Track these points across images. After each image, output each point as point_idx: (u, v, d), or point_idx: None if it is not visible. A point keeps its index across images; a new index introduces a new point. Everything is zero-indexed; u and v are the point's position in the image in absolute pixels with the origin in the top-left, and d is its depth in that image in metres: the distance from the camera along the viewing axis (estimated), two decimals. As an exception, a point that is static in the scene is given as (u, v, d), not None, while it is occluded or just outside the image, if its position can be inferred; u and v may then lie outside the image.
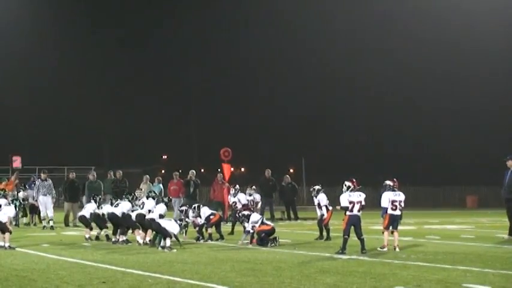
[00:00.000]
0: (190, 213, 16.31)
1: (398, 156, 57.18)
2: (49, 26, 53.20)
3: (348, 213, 13.30)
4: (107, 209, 15.98)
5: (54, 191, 21.93)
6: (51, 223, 20.72)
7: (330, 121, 60.91)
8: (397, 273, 10.29)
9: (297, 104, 61.70)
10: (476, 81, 56.06)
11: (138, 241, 15.00)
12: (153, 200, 15.34)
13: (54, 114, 57.23)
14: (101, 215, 16.04)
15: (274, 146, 60.23)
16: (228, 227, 18.44)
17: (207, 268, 10.81)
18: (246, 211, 16.43)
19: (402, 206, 13.91)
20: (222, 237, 16.09)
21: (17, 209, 15.40)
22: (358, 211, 13.31)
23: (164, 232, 13.85)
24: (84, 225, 16.86)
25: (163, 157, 67.69)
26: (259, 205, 19.76)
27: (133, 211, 15.43)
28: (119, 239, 15.29)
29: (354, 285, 9.19)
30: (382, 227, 14.03)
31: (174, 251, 13.47)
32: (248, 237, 15.20)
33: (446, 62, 56.88)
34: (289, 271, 10.48)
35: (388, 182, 14.06)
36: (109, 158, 56.35)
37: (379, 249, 13.50)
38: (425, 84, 59.03)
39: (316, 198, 16.62)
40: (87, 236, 16.14)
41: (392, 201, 13.77)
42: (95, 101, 56.72)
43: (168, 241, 13.71)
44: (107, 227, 15.97)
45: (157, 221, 14.19)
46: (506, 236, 16.78)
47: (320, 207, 16.49)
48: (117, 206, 15.76)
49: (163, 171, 51.30)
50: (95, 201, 16.91)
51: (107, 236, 15.87)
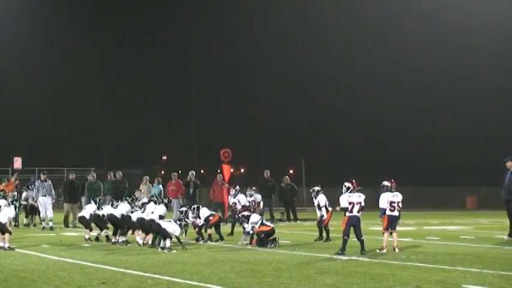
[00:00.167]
0: (190, 214, 16.33)
1: (398, 157, 57.18)
2: (49, 26, 53.20)
3: (348, 214, 13.31)
4: (107, 210, 16.00)
5: (53, 191, 21.91)
6: (51, 224, 20.73)
7: (330, 122, 60.89)
8: (396, 274, 10.30)
9: (296, 105, 61.71)
10: (477, 82, 56.05)
11: (137, 242, 15.02)
12: (154, 204, 15.29)
13: (54, 115, 57.25)
14: (101, 216, 16.05)
15: (274, 147, 60.21)
16: (227, 228, 18.46)
17: (207, 269, 10.82)
18: (245, 212, 16.45)
19: (400, 207, 13.92)
20: (221, 238, 16.10)
21: (17, 209, 15.37)
22: (358, 212, 13.32)
23: (164, 233, 13.85)
24: (83, 226, 16.87)
25: (163, 158, 67.67)
26: (261, 204, 19.77)
27: (132, 212, 15.45)
28: (119, 240, 15.31)
29: (353, 286, 9.20)
30: (382, 228, 14.04)
31: (174, 251, 13.48)
32: (248, 238, 15.23)
33: (446, 62, 56.89)
34: (289, 272, 10.49)
35: (385, 183, 14.07)
36: (109, 158, 56.32)
37: (378, 250, 13.50)
38: (425, 84, 59.01)
39: (315, 199, 16.64)
40: (87, 237, 16.15)
41: (390, 202, 13.79)
42: (94, 101, 56.68)
43: (167, 242, 13.72)
44: (108, 228, 15.98)
45: (157, 221, 14.20)
46: (506, 237, 16.79)
47: (320, 208, 16.51)
48: (116, 207, 15.78)
49: (163, 172, 51.29)
50: (95, 202, 16.92)
51: (107, 237, 15.88)
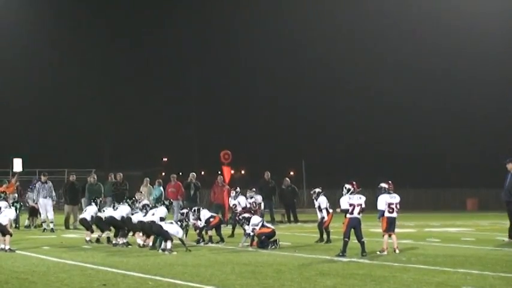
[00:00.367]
0: (191, 216, 16.32)
1: (399, 158, 57.16)
2: (49, 27, 53.14)
3: (348, 215, 13.31)
4: (108, 212, 15.99)
5: (54, 193, 21.90)
6: (52, 226, 20.73)
7: (330, 123, 60.86)
8: (397, 276, 10.30)
9: (297, 106, 61.66)
10: (478, 84, 56.00)
11: (138, 243, 15.01)
12: (155, 208, 15.24)
13: (54, 116, 57.21)
14: (103, 218, 16.03)
15: (274, 148, 60.18)
16: (228, 230, 18.46)
17: (208, 271, 10.82)
18: (246, 214, 16.44)
19: (398, 208, 13.92)
20: (222, 240, 16.11)
21: (17, 211, 15.37)
22: (359, 214, 13.33)
23: (165, 235, 13.85)
24: (84, 228, 16.87)
25: (163, 159, 67.67)
26: (262, 206, 19.79)
27: (133, 214, 15.44)
28: (119, 242, 15.30)
29: (354, 287, 9.20)
30: (382, 230, 14.03)
31: (175, 253, 13.48)
32: (248, 239, 15.23)
33: (447, 63, 56.82)
34: (290, 274, 10.49)
35: (383, 185, 14.04)
36: (109, 160, 56.31)
37: (379, 252, 13.50)
38: (426, 85, 58.95)
39: (316, 201, 16.65)
40: (88, 239, 16.15)
41: (388, 204, 13.78)
42: (95, 102, 56.70)
43: (169, 243, 13.71)
44: (110, 230, 15.93)
45: (158, 223, 14.18)
46: (507, 239, 16.79)
47: (320, 210, 16.51)
48: (116, 209, 15.78)
49: (163, 174, 51.28)
50: (95, 204, 16.92)
51: (108, 239, 15.86)
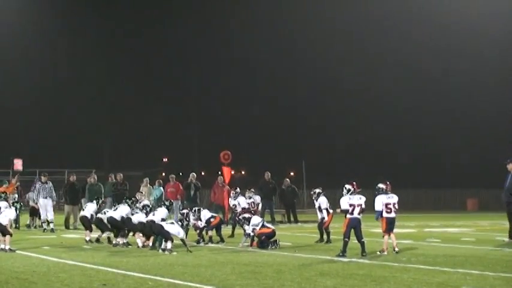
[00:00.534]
0: (191, 216, 16.32)
1: (399, 159, 57.14)
2: (49, 27, 53.19)
3: (348, 216, 13.31)
4: (108, 213, 15.98)
5: (54, 193, 21.93)
6: (52, 226, 20.74)
7: (331, 124, 60.86)
8: (397, 276, 10.29)
9: (297, 106, 61.68)
10: (478, 84, 56.00)
11: (138, 244, 15.00)
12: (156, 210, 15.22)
13: (54, 116, 57.23)
14: (105, 220, 16.00)
15: (274, 149, 60.19)
16: (228, 230, 18.46)
17: (208, 271, 10.82)
18: (246, 214, 16.44)
19: (396, 208, 13.91)
20: (222, 240, 16.11)
21: (17, 211, 15.37)
22: (359, 214, 13.33)
23: (166, 235, 13.84)
24: (84, 226, 16.86)
25: (163, 160, 67.67)
26: (260, 206, 19.80)
27: (133, 214, 15.44)
28: (119, 242, 15.30)
29: (354, 287, 9.21)
30: (382, 231, 14.02)
31: (175, 253, 13.47)
32: (248, 240, 15.23)
33: (447, 63, 56.85)
34: (290, 274, 10.48)
35: (380, 185, 14.02)
36: (109, 160, 56.29)
37: (379, 253, 13.49)
38: (426, 85, 58.95)
39: (316, 201, 16.65)
40: (88, 238, 16.15)
41: (386, 204, 13.76)
42: (95, 103, 56.72)
43: (169, 244, 13.71)
44: (111, 230, 15.90)
45: (159, 223, 14.15)
46: (507, 239, 16.79)
47: (320, 210, 16.51)
48: (116, 210, 15.77)
49: (163, 174, 51.28)
50: (97, 204, 16.92)
51: (109, 239, 15.87)
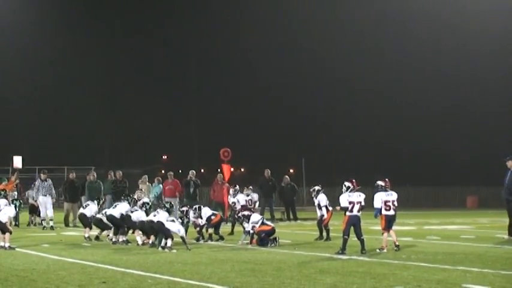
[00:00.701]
0: (191, 214, 16.31)
1: (399, 156, 57.18)
2: (49, 26, 53.21)
3: (348, 213, 13.31)
4: (108, 211, 15.97)
5: (54, 191, 21.92)
6: (51, 223, 20.74)
7: (330, 121, 60.89)
8: (397, 273, 10.29)
9: (297, 104, 61.70)
10: (477, 82, 56.05)
11: (137, 241, 14.99)
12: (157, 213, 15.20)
13: (54, 114, 57.25)
14: (103, 220, 15.98)
15: (274, 146, 60.21)
16: (227, 228, 18.46)
17: (207, 268, 10.82)
18: (245, 211, 16.43)
19: (396, 206, 13.89)
20: (221, 238, 16.10)
21: (17, 209, 15.37)
22: (358, 211, 13.32)
23: (166, 232, 13.83)
24: (82, 224, 16.86)
25: (163, 157, 67.66)
26: (257, 204, 19.80)
27: (132, 212, 15.43)
28: (119, 239, 15.29)
29: (353, 285, 9.20)
30: (381, 228, 14.02)
31: (175, 251, 13.47)
32: (248, 237, 15.22)
33: (447, 62, 56.85)
34: (289, 271, 10.48)
35: (379, 183, 14.00)
36: (109, 158, 56.31)
37: (378, 250, 13.49)
38: (426, 84, 59.00)
39: (316, 198, 16.65)
40: (86, 236, 16.15)
41: (385, 202, 13.75)
42: (95, 100, 56.75)
43: (169, 241, 13.70)
44: (110, 228, 15.89)
45: (159, 220, 14.12)
46: (506, 236, 16.79)
47: (320, 208, 16.51)
48: (115, 207, 15.77)
49: (163, 172, 51.28)
50: (97, 203, 16.92)
51: (108, 236, 15.86)
